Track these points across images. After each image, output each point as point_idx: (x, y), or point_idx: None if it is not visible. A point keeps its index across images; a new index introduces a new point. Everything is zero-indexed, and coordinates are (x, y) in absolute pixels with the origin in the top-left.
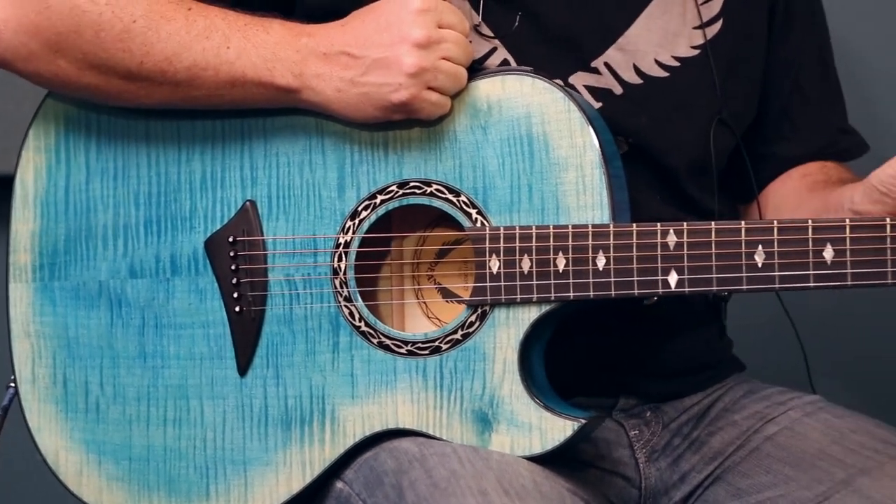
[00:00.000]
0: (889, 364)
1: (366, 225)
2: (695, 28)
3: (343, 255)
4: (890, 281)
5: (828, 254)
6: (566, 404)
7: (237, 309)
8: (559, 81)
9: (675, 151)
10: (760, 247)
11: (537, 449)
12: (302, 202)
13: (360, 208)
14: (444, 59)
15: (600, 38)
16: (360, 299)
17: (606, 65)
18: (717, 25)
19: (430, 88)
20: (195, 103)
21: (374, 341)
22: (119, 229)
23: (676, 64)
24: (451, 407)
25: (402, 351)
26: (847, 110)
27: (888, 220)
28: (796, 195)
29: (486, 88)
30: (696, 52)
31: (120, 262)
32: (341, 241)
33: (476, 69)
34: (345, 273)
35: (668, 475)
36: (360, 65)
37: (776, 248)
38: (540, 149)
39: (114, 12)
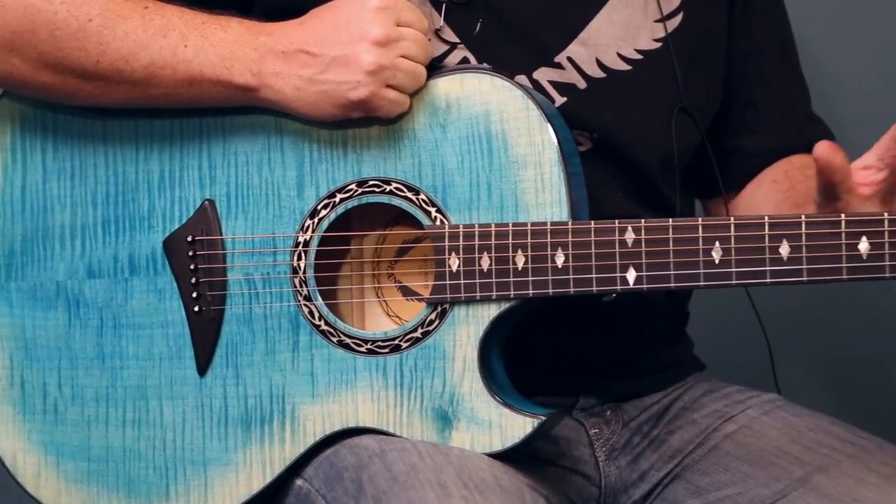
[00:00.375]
0: (849, 362)
1: (325, 224)
2: (656, 21)
3: (303, 254)
4: (845, 276)
5: (784, 250)
6: (526, 402)
7: (196, 309)
8: (523, 79)
9: (638, 145)
10: (717, 243)
11: (497, 446)
12: (261, 201)
13: (319, 207)
14: (402, 56)
15: (562, 33)
16: (319, 298)
17: (569, 59)
18: (678, 18)
19: (388, 86)
20: (153, 102)
21: (334, 340)
22: (76, 229)
23: (639, 57)
24: (412, 405)
25: (363, 349)
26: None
27: (843, 216)
28: (771, 204)
29: (444, 86)
30: (658, 45)
31: (77, 263)
32: (301, 239)
33: (435, 67)
34: (304, 272)
35: (628, 473)
36: (318, 63)
37: (733, 245)
38: (499, 147)
39: (69, 11)
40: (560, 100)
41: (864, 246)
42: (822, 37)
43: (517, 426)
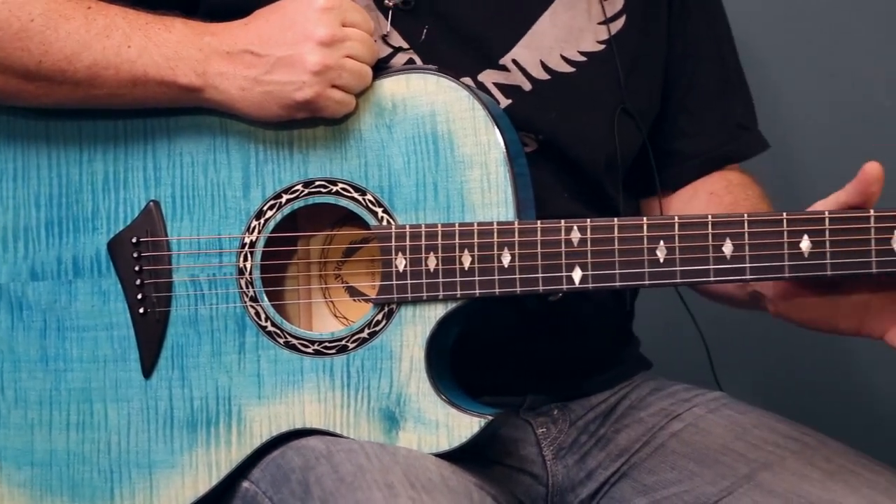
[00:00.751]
0: (790, 360)
1: (271, 224)
2: (599, 24)
3: (249, 255)
4: (787, 274)
5: (727, 248)
6: (473, 401)
7: (141, 310)
8: (468, 81)
9: (583, 146)
10: (662, 242)
11: (444, 446)
12: (206, 202)
13: (265, 208)
14: (348, 57)
15: (507, 35)
16: (266, 299)
17: (514, 62)
18: (621, 21)
19: (334, 87)
20: (96, 103)
21: (281, 341)
22: (19, 231)
23: (582, 59)
24: (359, 406)
25: (309, 350)
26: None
27: (784, 214)
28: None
29: (390, 87)
30: (602, 47)
31: (21, 265)
32: (247, 240)
33: (381, 67)
34: (250, 273)
35: (575, 472)
36: (263, 63)
37: (677, 244)
38: (445, 147)
39: (11, 11)
40: (505, 102)
41: (805, 244)
42: (766, 42)
43: (464, 426)
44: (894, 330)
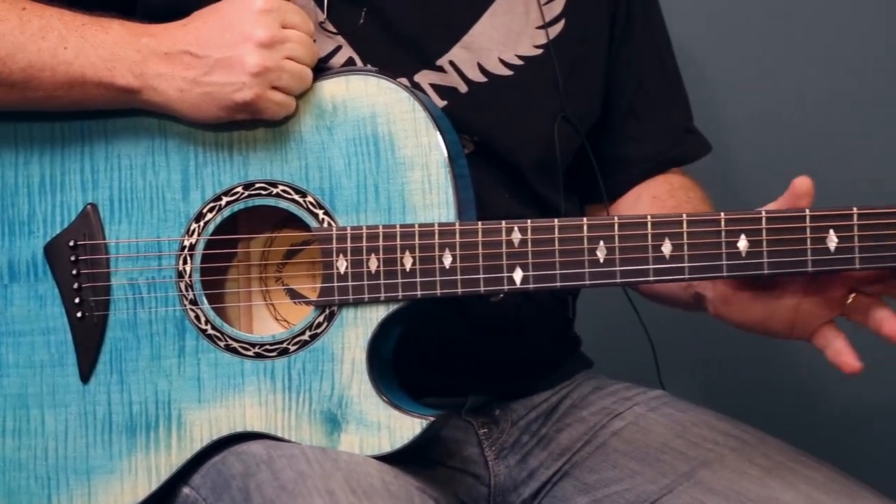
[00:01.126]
0: (731, 358)
1: (211, 227)
2: (538, 28)
3: (188, 258)
4: (725, 273)
5: (666, 248)
6: (415, 403)
7: (79, 314)
8: (405, 81)
9: (519, 149)
10: (602, 243)
11: (386, 448)
12: (145, 205)
13: (205, 210)
14: (288, 58)
15: (445, 36)
16: (206, 302)
17: (451, 63)
18: (560, 25)
19: (274, 88)
20: (32, 105)
21: (221, 344)
22: None
23: (520, 63)
24: (300, 408)
25: (250, 353)
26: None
27: (722, 214)
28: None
29: (330, 88)
30: (540, 51)
31: None
32: (186, 243)
33: (321, 69)
34: (190, 276)
35: (517, 472)
36: (202, 64)
37: (617, 244)
38: (386, 148)
39: None
40: (441, 103)
41: (743, 244)
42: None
43: (406, 427)
44: (820, 332)
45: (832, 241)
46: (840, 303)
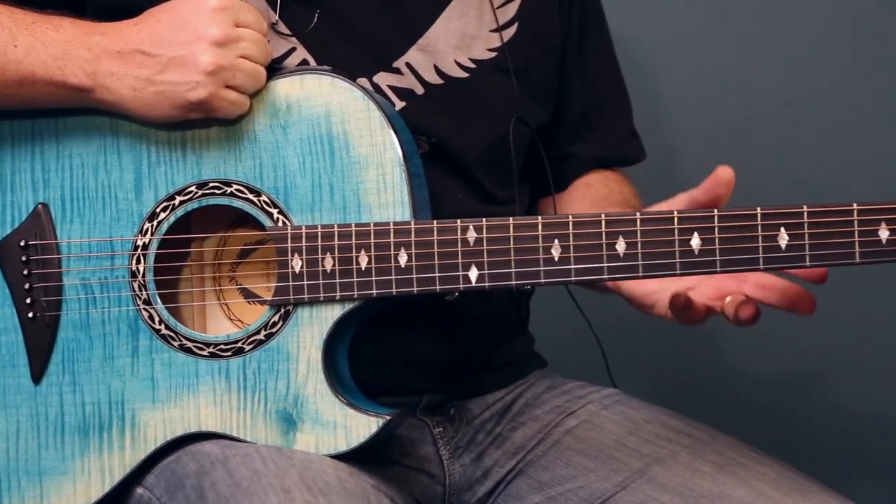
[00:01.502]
0: (683, 356)
1: (164, 226)
2: (492, 31)
3: (142, 258)
4: (679, 271)
5: (620, 246)
6: (371, 402)
7: (30, 315)
8: (363, 80)
9: (475, 150)
10: (557, 241)
11: (342, 447)
12: (97, 204)
13: (158, 210)
14: (242, 57)
15: (401, 38)
16: (159, 302)
17: (408, 65)
18: (513, 29)
19: (228, 87)
20: None
21: (175, 344)
22: None
23: (475, 65)
24: (255, 408)
25: (204, 353)
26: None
27: (675, 213)
28: (581, 205)
29: (284, 87)
30: (494, 54)
31: None
32: (139, 243)
33: (275, 68)
34: (143, 276)
35: (472, 471)
36: (155, 63)
37: (571, 242)
38: (340, 148)
39: None
40: (399, 104)
41: (695, 242)
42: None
43: (362, 426)
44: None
45: (783, 238)
46: (721, 297)
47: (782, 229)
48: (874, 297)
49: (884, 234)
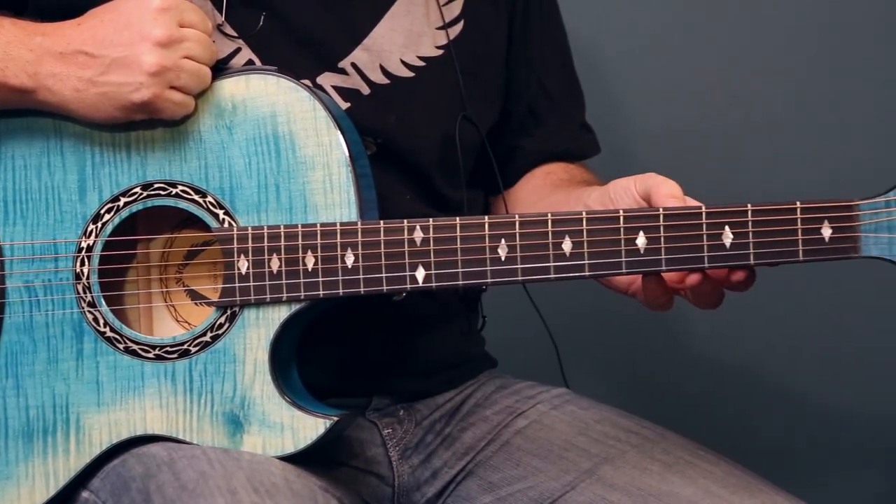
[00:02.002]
0: (634, 356)
1: (109, 228)
2: (438, 29)
3: (86, 260)
4: (624, 270)
5: (566, 246)
6: (318, 403)
7: None
8: (307, 81)
9: (422, 150)
10: (503, 241)
11: (290, 448)
12: (41, 206)
13: (102, 211)
14: (186, 58)
15: (346, 38)
16: (104, 304)
17: (353, 65)
18: (459, 26)
19: (172, 88)
20: None
21: (121, 347)
22: None
23: (421, 64)
24: (202, 410)
25: (150, 355)
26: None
27: (621, 212)
28: (539, 191)
29: (230, 88)
30: (441, 52)
31: None
32: (83, 245)
33: (220, 69)
34: (88, 278)
35: (421, 472)
36: (98, 64)
37: (518, 242)
38: (286, 148)
39: None
40: (344, 105)
41: (641, 241)
42: (596, 42)
43: (309, 428)
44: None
45: (728, 237)
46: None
47: (727, 228)
48: (816, 295)
49: (826, 231)
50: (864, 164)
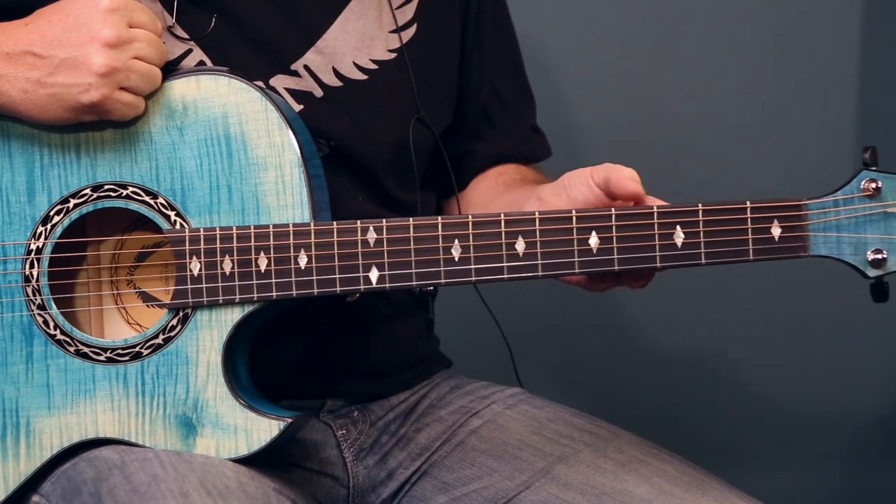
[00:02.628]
0: (588, 355)
1: (59, 230)
2: (391, 32)
3: (35, 262)
4: (577, 270)
5: (519, 246)
6: (272, 405)
7: None
8: (259, 82)
9: (375, 152)
10: (457, 241)
11: (243, 450)
12: None
13: (52, 213)
14: (136, 58)
15: (299, 40)
16: (54, 307)
17: (306, 67)
18: (412, 30)
19: (122, 89)
20: None
21: (71, 350)
22: None
23: (374, 67)
24: (154, 413)
25: (102, 358)
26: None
27: (574, 212)
28: (492, 191)
29: (180, 88)
30: (393, 55)
31: None
32: (33, 247)
33: (171, 70)
34: (37, 280)
35: (376, 473)
36: (46, 65)
37: (471, 242)
38: (238, 149)
39: None
40: (297, 107)
41: (594, 240)
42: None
43: (263, 430)
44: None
45: (679, 237)
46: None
47: (678, 227)
48: (769, 294)
49: (776, 231)
50: (815, 163)
